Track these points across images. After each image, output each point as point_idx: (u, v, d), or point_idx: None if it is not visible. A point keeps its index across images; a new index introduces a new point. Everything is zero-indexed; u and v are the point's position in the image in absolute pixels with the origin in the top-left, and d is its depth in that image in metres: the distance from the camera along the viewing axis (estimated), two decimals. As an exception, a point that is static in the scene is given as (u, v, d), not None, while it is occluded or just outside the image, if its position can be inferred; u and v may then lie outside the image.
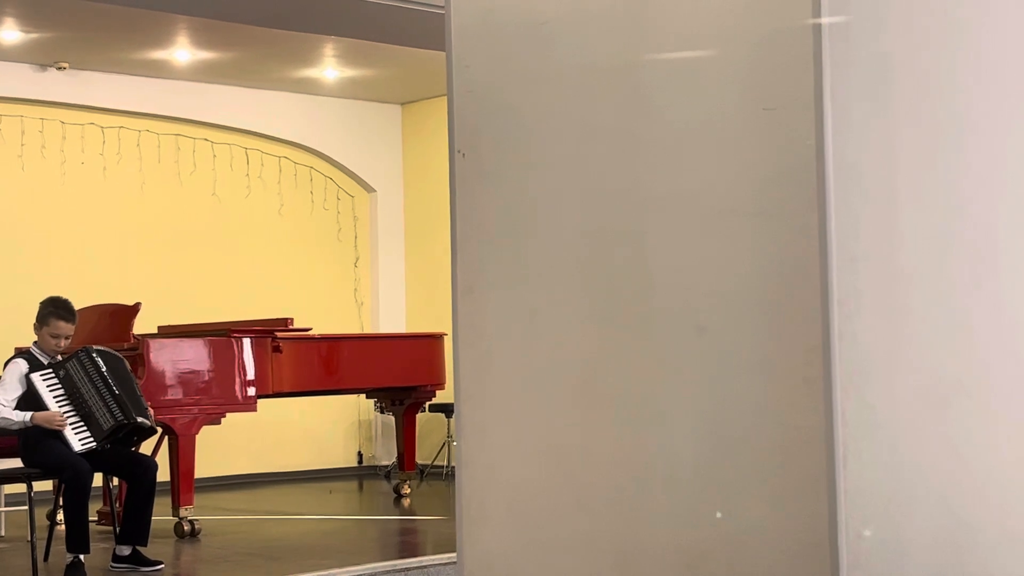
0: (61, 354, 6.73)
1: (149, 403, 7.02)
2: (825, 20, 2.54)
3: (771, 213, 2.63)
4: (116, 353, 6.95)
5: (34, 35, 9.55)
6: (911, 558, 2.52)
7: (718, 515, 2.64)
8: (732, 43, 2.68)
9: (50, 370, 6.64)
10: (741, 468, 2.64)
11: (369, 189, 12.25)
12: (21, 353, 6.77)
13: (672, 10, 2.81)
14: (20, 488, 6.77)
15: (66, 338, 6.69)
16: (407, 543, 8.11)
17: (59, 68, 10.35)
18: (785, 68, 2.58)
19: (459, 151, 3.19)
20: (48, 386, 6.60)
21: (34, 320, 6.71)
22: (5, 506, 8.04)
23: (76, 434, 6.56)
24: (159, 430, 7.44)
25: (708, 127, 2.73)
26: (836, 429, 2.48)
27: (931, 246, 2.59)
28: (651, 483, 2.82)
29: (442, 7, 3.36)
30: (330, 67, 10.86)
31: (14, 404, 6.53)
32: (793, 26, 2.57)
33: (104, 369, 6.69)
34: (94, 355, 6.71)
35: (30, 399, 6.54)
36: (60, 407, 6.57)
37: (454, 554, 6.62)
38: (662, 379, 2.82)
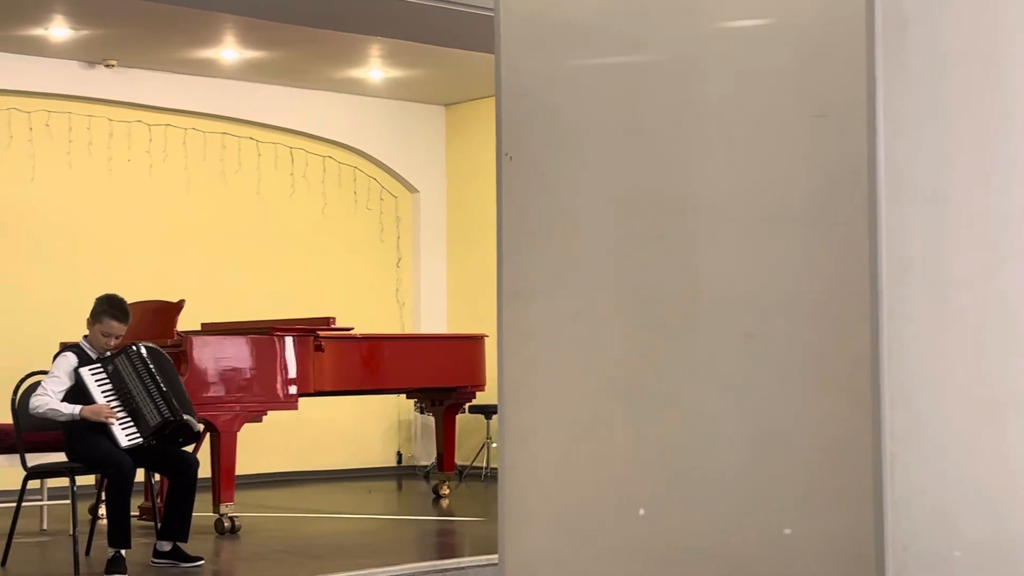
0: (110, 350, 6.78)
1: (191, 400, 7.06)
2: (878, 26, 2.52)
3: (820, 220, 2.61)
4: (162, 350, 6.99)
5: (83, 33, 9.63)
6: (958, 570, 2.50)
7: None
8: (783, 48, 2.67)
9: (99, 365, 6.69)
10: (786, 476, 2.63)
11: (412, 190, 12.27)
12: (70, 347, 6.82)
13: (722, 15, 2.79)
14: (63, 482, 6.82)
15: (116, 338, 6.73)
16: (445, 544, 8.11)
17: (107, 66, 10.43)
18: (836, 74, 2.57)
19: (507, 154, 3.19)
20: (96, 381, 6.64)
21: (88, 315, 6.75)
22: (48, 500, 8.10)
23: (123, 429, 6.60)
24: (204, 433, 7.47)
25: (758, 132, 2.72)
26: (883, 439, 2.46)
27: (983, 254, 2.56)
28: (695, 489, 2.81)
29: (490, 9, 3.36)
30: (375, 68, 10.88)
31: (62, 396, 6.58)
32: (845, 31, 2.56)
33: (152, 366, 6.73)
34: (142, 351, 6.75)
35: (78, 393, 6.59)
36: (108, 402, 6.61)
37: (492, 555, 6.63)
38: (707, 385, 2.81)
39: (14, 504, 6.84)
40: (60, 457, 6.87)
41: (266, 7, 7.88)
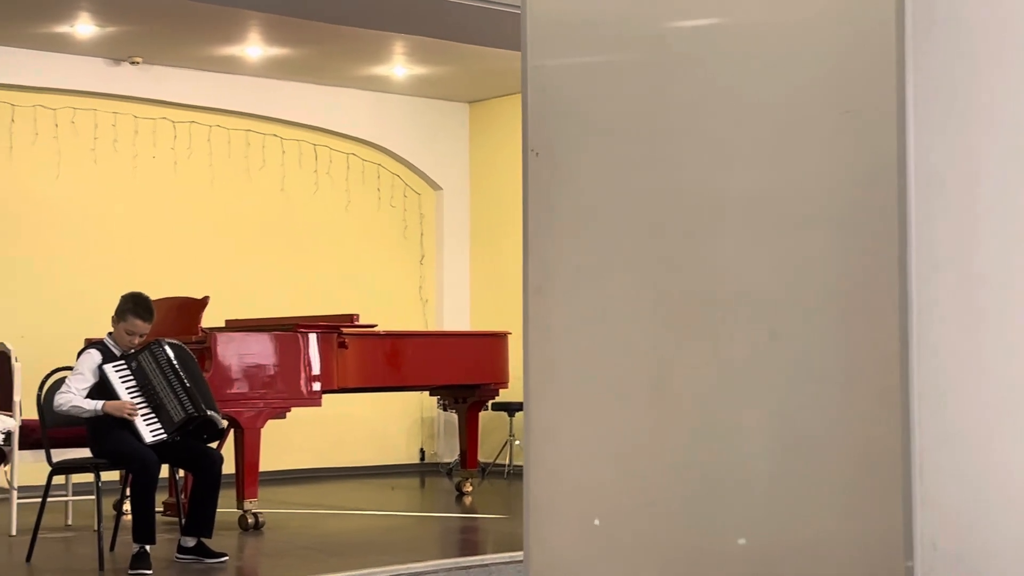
0: (134, 347, 6.79)
1: (215, 397, 7.07)
2: (908, 22, 2.50)
3: (849, 218, 2.59)
4: (185, 347, 7.01)
5: (108, 30, 9.66)
6: (988, 570, 2.48)
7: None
8: (812, 45, 2.65)
9: (123, 362, 6.71)
10: (814, 476, 2.61)
11: (435, 187, 12.28)
12: (94, 344, 6.84)
13: (750, 10, 2.78)
14: (88, 478, 6.84)
15: (141, 336, 6.75)
16: (468, 541, 8.11)
17: (132, 63, 10.46)
18: (866, 71, 2.55)
19: (532, 150, 3.18)
20: (120, 377, 6.66)
21: (112, 313, 6.77)
22: (73, 495, 8.14)
23: (147, 425, 6.62)
24: (228, 429, 7.47)
25: (786, 130, 2.70)
26: (913, 439, 2.44)
27: (1013, 254, 2.54)
28: (721, 489, 2.80)
29: (516, 6, 3.35)
30: (399, 65, 10.89)
31: (86, 393, 6.60)
32: (875, 28, 2.54)
33: (176, 362, 6.74)
34: (166, 347, 6.77)
35: (102, 390, 6.61)
36: (132, 398, 6.63)
37: (515, 553, 6.63)
38: (734, 384, 2.79)
39: (39, 500, 6.86)
40: (85, 453, 6.90)
41: (291, 4, 7.88)
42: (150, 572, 6.39)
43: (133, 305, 6.72)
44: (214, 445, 6.99)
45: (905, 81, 2.49)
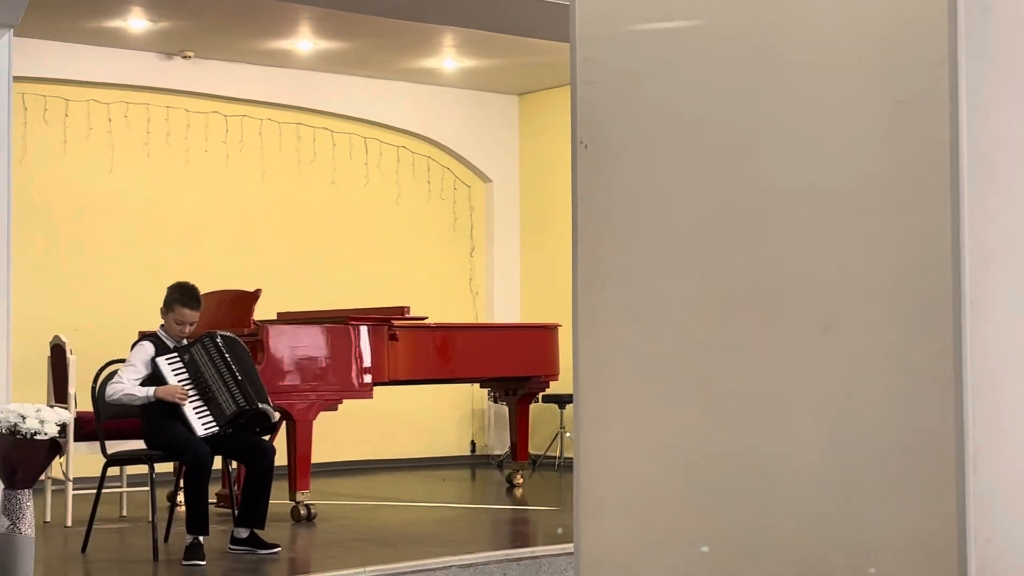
0: (186, 338, 6.85)
1: (267, 389, 7.11)
2: (960, 10, 2.48)
3: (901, 209, 2.57)
4: (239, 339, 7.05)
5: (160, 25, 9.73)
6: (1042, 565, 2.45)
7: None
8: (864, 33, 2.63)
9: (175, 354, 6.76)
10: (865, 469, 2.59)
11: (485, 179, 12.28)
12: (147, 336, 6.90)
13: (801, 2, 2.76)
14: (142, 469, 6.91)
15: (191, 325, 6.80)
16: (519, 533, 8.12)
17: (184, 57, 10.53)
18: (919, 59, 2.52)
19: (582, 142, 3.17)
20: (173, 370, 6.71)
21: (161, 305, 6.83)
22: (127, 487, 8.21)
23: (199, 418, 6.67)
24: (280, 422, 7.51)
25: (837, 119, 2.68)
26: (966, 431, 2.42)
27: (1068, 245, 2.51)
28: (772, 482, 2.78)
29: (565, -2, 3.34)
30: (449, 57, 10.90)
31: (138, 383, 6.66)
32: (928, 15, 2.51)
33: (228, 355, 6.79)
34: (218, 340, 6.82)
35: (155, 382, 6.67)
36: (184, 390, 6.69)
37: (566, 545, 6.63)
38: (784, 377, 2.77)
39: (94, 491, 6.94)
40: (139, 444, 6.96)
41: (341, -2, 7.91)
42: (204, 563, 6.45)
43: (179, 295, 6.77)
44: (267, 438, 7.03)
45: (958, 69, 2.46)
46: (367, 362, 8.14)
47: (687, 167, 2.98)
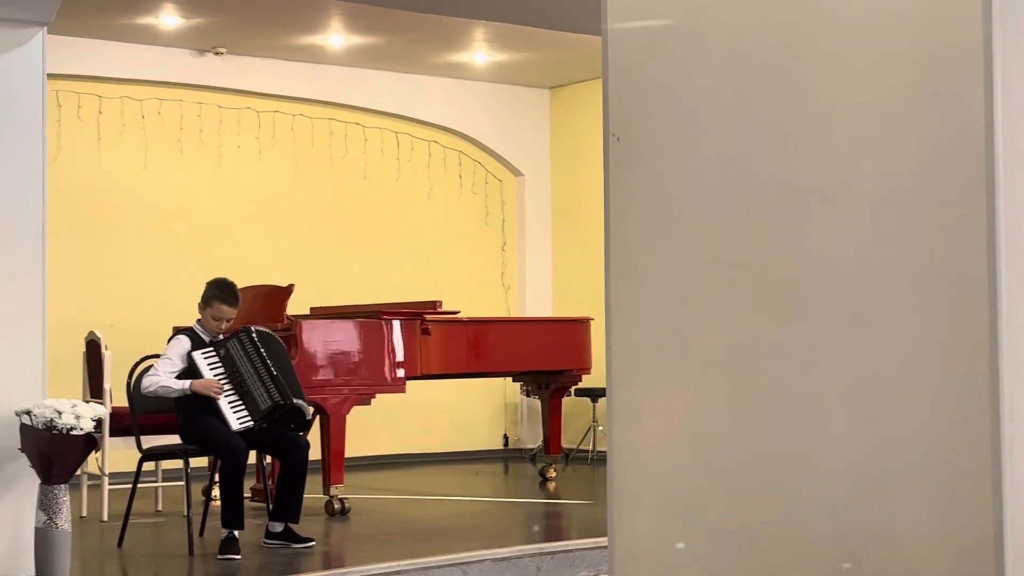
0: (222, 333, 6.87)
1: (301, 383, 7.13)
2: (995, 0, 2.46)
3: (936, 201, 2.55)
4: (274, 334, 7.07)
5: (193, 21, 9.77)
6: (1080, 559, 2.44)
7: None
8: (898, 23, 2.61)
9: (211, 348, 6.79)
10: (899, 463, 2.58)
11: (517, 173, 12.28)
12: (184, 331, 6.93)
13: (834, -8, 2.74)
14: (177, 464, 6.95)
15: (228, 320, 6.82)
16: (552, 527, 8.13)
17: (216, 53, 10.58)
18: (953, 50, 2.51)
19: (614, 135, 3.17)
20: (209, 364, 6.74)
21: (199, 299, 6.86)
22: (163, 481, 8.26)
23: (234, 412, 6.70)
24: (313, 416, 7.53)
25: (870, 111, 2.66)
26: (1003, 425, 2.40)
27: (1105, 236, 2.49)
28: (803, 475, 2.77)
29: (596, -9, 3.33)
30: (480, 52, 10.90)
31: (174, 376, 6.69)
32: (962, 5, 2.50)
33: (263, 350, 6.81)
34: (253, 335, 6.84)
35: (191, 376, 6.70)
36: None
37: (599, 538, 6.63)
38: (817, 370, 2.76)
39: (130, 486, 6.98)
40: (175, 439, 6.99)
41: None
42: (239, 557, 6.48)
43: (218, 291, 6.80)
44: (300, 433, 7.05)
45: (993, 60, 2.44)
46: (400, 356, 8.16)
47: (719, 159, 2.97)
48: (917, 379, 2.56)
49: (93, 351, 8.03)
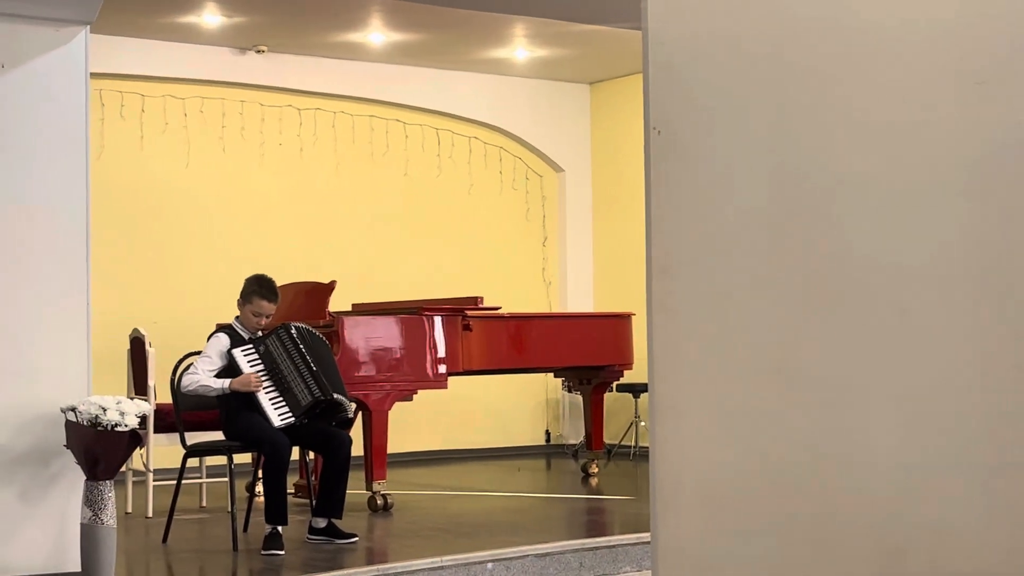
0: (262, 330, 6.90)
1: (343, 379, 7.15)
2: (1041, -11, 2.43)
3: (980, 191, 2.53)
4: (315, 331, 7.09)
5: (234, 20, 9.82)
6: None
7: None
8: (941, 12, 2.59)
9: (251, 346, 6.81)
10: (946, 456, 2.56)
11: (558, 169, 12.27)
12: (223, 328, 6.96)
13: (877, -18, 2.72)
14: (221, 460, 6.98)
15: (267, 316, 6.84)
16: (595, 522, 8.11)
17: (258, 52, 10.62)
18: (998, 38, 2.48)
19: (655, 128, 3.16)
20: (249, 361, 6.76)
21: (238, 296, 6.88)
22: (207, 477, 8.31)
23: (275, 409, 6.72)
24: (356, 413, 7.55)
25: (914, 101, 2.64)
26: (1051, 416, 2.37)
27: None
28: (850, 469, 2.75)
29: (636, -16, 3.32)
30: (520, 47, 10.90)
31: (213, 375, 6.72)
32: (1007, -4, 2.47)
33: (302, 346, 6.83)
34: (292, 332, 6.86)
35: (231, 374, 6.72)
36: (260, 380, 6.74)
37: (642, 534, 6.61)
38: (862, 363, 2.74)
39: (174, 482, 7.02)
40: (218, 436, 7.03)
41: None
42: (282, 552, 6.50)
43: (258, 287, 6.81)
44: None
45: (1039, 49, 2.42)
46: (441, 352, 8.16)
47: (761, 152, 2.95)
48: (964, 370, 2.54)
49: (137, 348, 8.08)
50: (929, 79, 2.61)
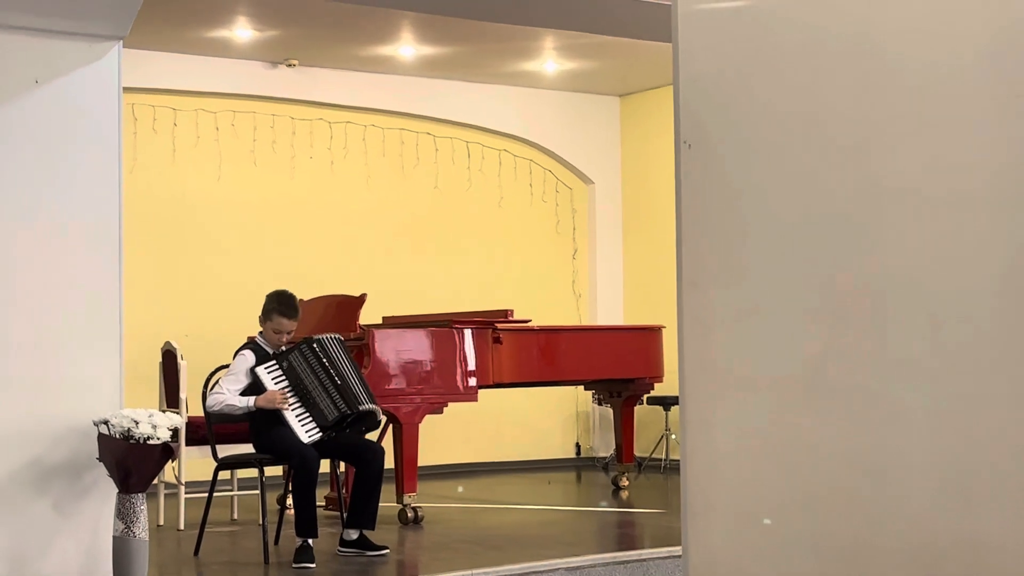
0: (285, 345, 6.90)
1: (374, 392, 7.14)
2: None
3: (1014, 204, 2.51)
4: (336, 339, 7.02)
5: (266, 34, 9.86)
6: None
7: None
8: (978, 24, 2.58)
9: (274, 362, 6.81)
10: (981, 470, 2.54)
11: (587, 181, 12.27)
12: (249, 344, 6.97)
13: (908, -6, 2.71)
14: (252, 473, 7.00)
15: (288, 333, 6.85)
16: (625, 536, 8.09)
17: (289, 65, 10.67)
18: (1031, 52, 2.47)
19: (685, 142, 3.16)
20: (273, 378, 6.77)
21: (260, 314, 6.90)
22: (238, 490, 8.32)
23: (302, 425, 6.72)
24: (383, 419, 7.55)
25: (947, 114, 2.63)
26: (1086, 431, 2.36)
27: None
28: (883, 483, 2.74)
29: (667, -3, 3.32)
30: (550, 60, 10.91)
31: (239, 394, 6.73)
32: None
33: (325, 360, 6.82)
34: (315, 346, 6.85)
35: (256, 391, 6.73)
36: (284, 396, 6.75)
37: (673, 547, 6.59)
38: (895, 376, 2.73)
39: (206, 494, 7.04)
40: (250, 448, 7.04)
41: (443, 2, 7.95)
42: (313, 565, 6.51)
43: (277, 304, 6.82)
44: (375, 435, 7.04)
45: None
46: (472, 365, 8.17)
47: (792, 166, 2.95)
48: (998, 384, 2.52)
49: (169, 361, 8.12)
50: (963, 93, 2.60)
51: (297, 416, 6.72)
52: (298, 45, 10.21)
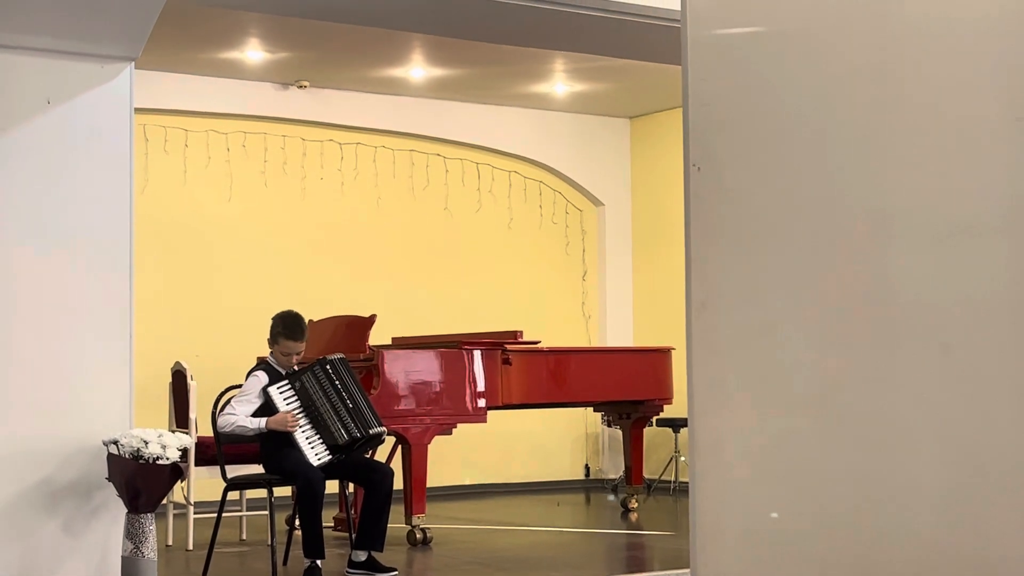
0: (295, 365, 6.91)
1: (382, 414, 7.14)
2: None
3: (1022, 227, 2.52)
4: (343, 361, 7.02)
5: (277, 55, 9.90)
6: None
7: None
8: (983, 48, 2.59)
9: (286, 382, 6.82)
10: (990, 493, 2.54)
11: (597, 203, 12.28)
12: (261, 364, 6.98)
13: (918, 15, 2.72)
14: (261, 493, 7.00)
15: (297, 354, 6.86)
16: (634, 558, 8.08)
17: (300, 87, 10.71)
18: (1039, 76, 2.48)
19: (695, 164, 3.17)
20: (285, 399, 6.78)
21: (268, 337, 6.90)
22: (247, 511, 8.33)
23: (311, 448, 6.72)
24: (385, 437, 7.54)
25: (956, 137, 2.64)
26: (1095, 454, 2.35)
27: None
28: (893, 506, 2.74)
29: (676, 20, 3.34)
30: (560, 82, 10.94)
31: (251, 413, 6.73)
32: (1048, 32, 2.47)
33: (338, 382, 6.83)
34: (328, 368, 6.86)
35: (268, 411, 6.74)
36: (296, 416, 6.75)
37: (682, 570, 6.56)
38: (904, 399, 2.73)
39: (215, 515, 7.04)
40: (259, 469, 7.04)
41: (453, 25, 7.98)
42: (321, 586, 6.51)
43: (283, 327, 6.83)
44: (381, 453, 7.03)
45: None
46: (481, 386, 8.17)
47: (801, 188, 2.95)
48: (1007, 408, 2.52)
49: (179, 381, 8.13)
50: (971, 116, 2.61)
51: (307, 438, 6.73)
52: (309, 67, 10.25)
